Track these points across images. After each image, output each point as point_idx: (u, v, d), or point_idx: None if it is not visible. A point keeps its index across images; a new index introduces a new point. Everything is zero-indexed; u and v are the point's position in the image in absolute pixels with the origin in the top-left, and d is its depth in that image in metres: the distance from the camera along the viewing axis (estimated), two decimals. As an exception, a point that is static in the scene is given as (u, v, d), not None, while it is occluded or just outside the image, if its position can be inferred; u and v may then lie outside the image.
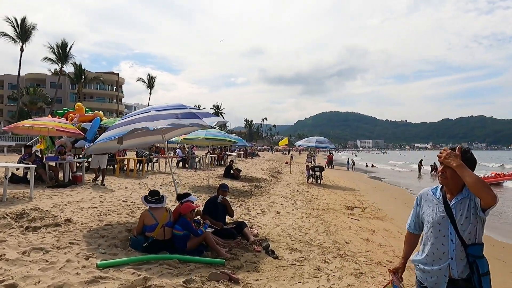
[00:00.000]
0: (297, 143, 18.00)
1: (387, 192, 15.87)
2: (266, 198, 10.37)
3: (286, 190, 13.04)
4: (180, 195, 5.24)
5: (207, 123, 5.41)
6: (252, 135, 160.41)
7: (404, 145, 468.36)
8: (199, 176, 14.82)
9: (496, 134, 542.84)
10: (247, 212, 8.02)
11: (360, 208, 10.36)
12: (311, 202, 10.63)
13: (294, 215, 8.17)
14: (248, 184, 13.31)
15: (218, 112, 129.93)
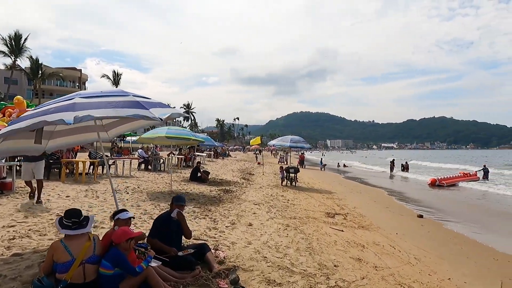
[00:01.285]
0: (270, 143, 16.82)
1: (365, 194, 15.02)
2: (236, 206, 9.05)
3: (259, 194, 11.78)
4: (114, 213, 3.82)
5: (155, 115, 4.01)
6: (223, 135, 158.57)
7: (371, 145, 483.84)
8: (162, 180, 13.23)
9: (456, 134, 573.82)
10: (214, 225, 6.67)
11: (341, 215, 9.28)
12: (288, 209, 9.43)
13: (270, 227, 6.91)
14: (217, 189, 11.92)
15: (188, 111, 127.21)
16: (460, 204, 13.82)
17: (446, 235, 7.99)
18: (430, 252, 6.25)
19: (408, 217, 10.05)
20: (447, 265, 5.56)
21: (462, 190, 18.71)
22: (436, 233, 8.05)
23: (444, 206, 12.96)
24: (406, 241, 6.93)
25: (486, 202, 14.45)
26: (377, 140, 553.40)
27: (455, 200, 15.10)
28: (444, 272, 5.22)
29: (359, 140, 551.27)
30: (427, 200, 14.28)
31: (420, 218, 9.83)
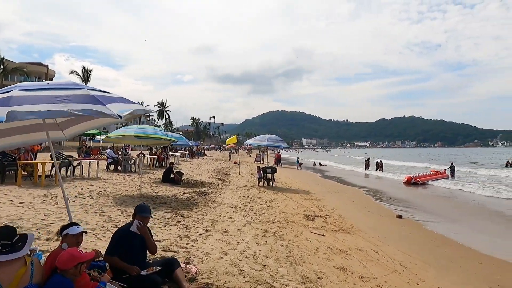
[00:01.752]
0: (247, 142, 16.33)
1: (343, 194, 14.85)
2: (211, 210, 8.49)
3: (236, 196, 11.26)
4: (62, 228, 3.21)
5: (113, 111, 3.40)
6: (199, 133, 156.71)
7: (345, 143, 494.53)
8: (131, 182, 12.42)
9: (425, 133, 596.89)
10: (186, 233, 6.09)
11: (321, 217, 8.94)
12: (266, 212, 8.97)
13: (247, 234, 6.42)
14: (191, 191, 11.29)
15: (163, 110, 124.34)
16: (435, 203, 13.91)
17: (428, 236, 7.81)
18: (415, 257, 5.99)
19: (388, 217, 9.87)
20: (433, 272, 5.29)
21: (433, 189, 19.00)
22: (418, 235, 7.86)
23: (421, 205, 12.97)
24: (389, 245, 6.65)
25: (459, 201, 14.65)
26: (351, 139, 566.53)
27: (430, 198, 15.24)
28: (432, 280, 4.93)
29: (334, 139, 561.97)
30: (404, 199, 14.29)
31: (399, 219, 9.66)
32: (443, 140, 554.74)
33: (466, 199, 14.94)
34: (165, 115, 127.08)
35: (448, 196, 15.96)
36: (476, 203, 13.85)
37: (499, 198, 14.95)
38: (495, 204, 13.55)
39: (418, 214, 10.73)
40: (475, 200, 14.61)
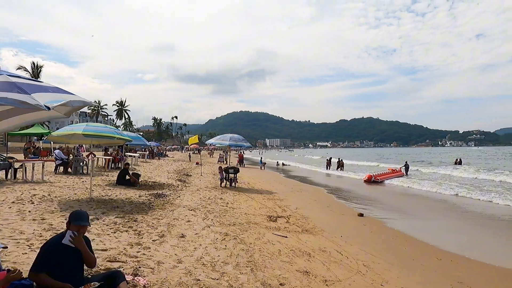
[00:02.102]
0: (209, 141, 15.81)
1: (305, 193, 14.82)
2: (169, 213, 7.95)
3: (196, 198, 10.76)
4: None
5: (39, 101, 2.88)
6: (161, 134, 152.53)
7: (308, 144, 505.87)
8: (82, 185, 11.47)
9: (382, 134, 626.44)
10: (137, 239, 5.55)
11: (284, 217, 8.72)
12: (227, 213, 8.58)
13: (206, 238, 6.00)
14: (147, 193, 10.62)
15: (122, 109, 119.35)
16: (393, 200, 14.29)
17: (389, 234, 7.84)
18: (378, 256, 5.90)
19: (350, 216, 9.88)
20: (397, 271, 5.20)
21: (390, 187, 19.64)
22: (379, 233, 7.86)
23: (380, 202, 13.25)
24: (352, 244, 6.54)
25: (414, 198, 15.20)
26: (313, 139, 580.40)
27: (388, 196, 15.66)
28: (395, 280, 4.82)
29: (296, 139, 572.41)
30: (364, 197, 14.55)
31: (361, 217, 9.70)
32: (398, 140, 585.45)
33: (421, 196, 15.54)
34: (124, 115, 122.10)
35: (404, 194, 16.53)
36: (431, 200, 14.41)
37: (453, 195, 15.67)
38: (449, 201, 14.18)
39: (378, 212, 10.88)
40: (430, 197, 15.22)
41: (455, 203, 13.33)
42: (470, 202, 13.52)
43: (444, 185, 19.37)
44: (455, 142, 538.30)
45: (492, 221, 10.04)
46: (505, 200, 13.29)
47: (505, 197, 14.02)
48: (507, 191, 16.56)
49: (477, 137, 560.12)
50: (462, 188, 17.47)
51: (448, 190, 16.89)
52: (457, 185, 19.09)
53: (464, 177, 24.68)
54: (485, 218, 10.44)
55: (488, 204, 13.11)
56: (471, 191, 16.41)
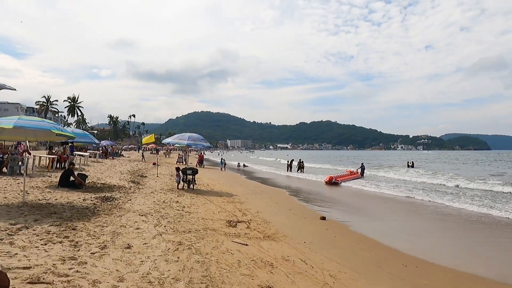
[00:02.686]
0: (165, 141, 14.83)
1: (266, 195, 14.40)
2: (115, 219, 7.09)
3: (149, 201, 9.89)
4: None
5: None
6: (117, 133, 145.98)
7: (268, 145, 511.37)
8: (17, 187, 10.12)
9: (339, 137, 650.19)
10: (72, 253, 4.72)
11: (244, 222, 8.17)
12: (182, 219, 7.86)
13: (156, 249, 5.29)
14: (94, 196, 9.57)
15: (74, 106, 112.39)
16: (353, 202, 14.33)
17: (352, 239, 7.59)
18: (343, 264, 5.55)
19: (312, 219, 9.56)
20: (364, 281, 4.86)
21: (347, 188, 19.85)
22: (343, 238, 7.58)
23: (341, 204, 13.18)
24: (316, 251, 6.15)
25: (372, 200, 15.37)
26: (273, 141, 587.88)
27: (347, 198, 15.72)
28: (364, 291, 4.46)
29: (257, 141, 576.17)
30: (325, 199, 14.45)
31: (323, 221, 9.42)
32: (354, 143, 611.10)
33: (379, 198, 15.77)
34: (77, 112, 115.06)
35: (363, 195, 16.72)
36: (389, 201, 14.65)
37: (409, 197, 16.08)
38: (406, 202, 14.48)
39: (340, 214, 10.72)
40: (388, 199, 15.49)
41: (413, 205, 13.61)
42: (426, 204, 13.89)
43: (401, 187, 19.97)
44: (405, 146, 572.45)
45: (450, 223, 10.25)
46: (460, 203, 13.68)
47: (460, 200, 14.57)
48: (461, 194, 17.36)
49: (425, 141, 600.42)
50: (418, 190, 18.08)
51: (404, 192, 17.35)
52: (414, 187, 19.75)
53: (419, 181, 25.75)
54: (443, 220, 10.65)
55: (443, 206, 13.53)
56: (427, 192, 17.00)
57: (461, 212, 11.98)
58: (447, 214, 11.56)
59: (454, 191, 18.23)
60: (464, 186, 20.62)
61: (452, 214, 11.55)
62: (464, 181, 22.51)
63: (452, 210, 12.50)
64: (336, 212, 11.18)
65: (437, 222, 10.37)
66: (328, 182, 21.18)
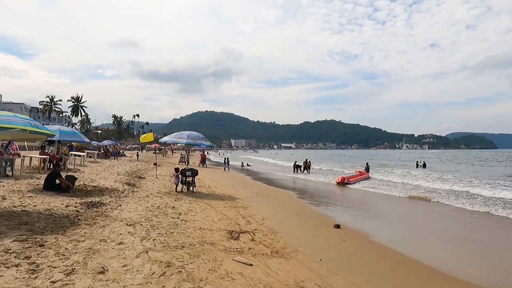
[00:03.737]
0: (163, 139, 13.75)
1: (272, 198, 13.28)
2: (97, 231, 6.02)
3: (142, 207, 8.82)
4: None
5: None
6: (121, 132, 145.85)
7: (272, 145, 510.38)
8: (-4, 191, 9.11)
9: (344, 136, 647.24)
10: (26, 281, 3.65)
11: (248, 232, 7.07)
12: (176, 229, 6.78)
13: (136, 274, 4.20)
14: (79, 202, 8.52)
15: (78, 105, 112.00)
16: (367, 206, 13.18)
17: (376, 254, 6.45)
18: (372, 291, 4.42)
19: (325, 228, 8.43)
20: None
21: (359, 190, 18.68)
22: (364, 253, 6.44)
23: (354, 208, 12.04)
24: (335, 273, 5.03)
25: (387, 203, 14.21)
26: (277, 140, 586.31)
27: (359, 201, 14.57)
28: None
29: (261, 140, 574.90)
30: (336, 202, 13.32)
31: (338, 229, 8.30)
32: (358, 142, 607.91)
33: (394, 201, 14.60)
34: (80, 112, 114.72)
35: (373, 197, 15.55)
36: (407, 205, 13.49)
37: (434, 202, 14.89)
38: (427, 205, 13.30)
39: (355, 220, 9.58)
40: (404, 202, 14.32)
41: (426, 208, 12.43)
42: (448, 207, 12.70)
43: (419, 189, 18.75)
44: (410, 145, 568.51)
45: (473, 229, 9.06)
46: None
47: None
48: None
49: (430, 140, 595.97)
50: (436, 193, 16.87)
51: (424, 194, 16.13)
52: (431, 190, 18.53)
53: (446, 188, 24.44)
54: (468, 225, 9.48)
55: (463, 210, 12.33)
56: (444, 196, 15.80)
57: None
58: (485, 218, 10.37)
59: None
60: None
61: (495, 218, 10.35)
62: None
63: (491, 216, 11.28)
64: (350, 218, 10.05)
65: (482, 230, 9.18)
66: (341, 183, 20.08)
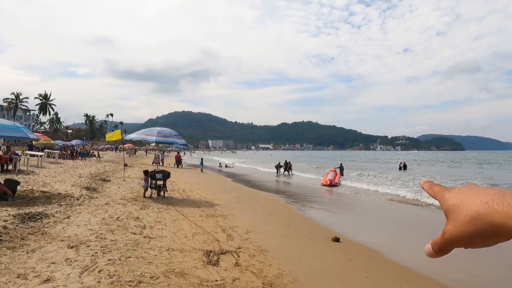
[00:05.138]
0: (128, 137, 11.89)
1: (256, 203, 11.75)
2: (21, 257, 4.30)
3: (97, 219, 7.07)
4: None
5: None
6: (94, 132, 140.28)
7: (250, 145, 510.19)
8: None
9: (320, 137, 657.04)
10: None
11: (231, 253, 5.51)
12: (136, 251, 5.13)
13: None
14: (13, 213, 6.66)
15: (46, 103, 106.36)
16: (362, 211, 11.93)
17: (393, 276, 5.07)
18: None
19: (322, 241, 6.99)
20: None
21: (343, 192, 17.53)
22: (382, 278, 5.03)
23: (349, 214, 10.75)
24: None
25: (383, 206, 13.05)
26: (255, 141, 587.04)
27: (351, 205, 13.33)
28: None
29: (239, 141, 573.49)
30: (327, 207, 11.99)
31: (337, 243, 6.90)
32: (335, 143, 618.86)
33: (397, 206, 13.46)
34: (49, 110, 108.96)
35: (366, 200, 14.36)
36: (408, 210, 12.35)
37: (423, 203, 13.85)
38: (422, 210, 12.19)
39: (356, 230, 8.21)
40: (400, 204, 13.20)
41: (422, 213, 11.33)
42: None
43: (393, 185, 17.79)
44: (384, 146, 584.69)
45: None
46: None
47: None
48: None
49: (403, 142, 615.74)
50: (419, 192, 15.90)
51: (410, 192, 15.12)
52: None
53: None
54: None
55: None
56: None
57: None
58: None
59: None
60: None
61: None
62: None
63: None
64: (348, 227, 8.69)
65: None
66: (329, 185, 18.88)
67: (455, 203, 0.50)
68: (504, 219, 0.43)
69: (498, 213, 0.44)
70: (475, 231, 0.46)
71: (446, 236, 0.49)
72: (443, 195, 0.53)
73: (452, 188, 0.54)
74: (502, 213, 0.43)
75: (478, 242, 0.47)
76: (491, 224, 0.44)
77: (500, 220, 0.43)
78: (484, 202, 0.46)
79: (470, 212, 0.47)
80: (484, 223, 0.45)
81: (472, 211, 0.46)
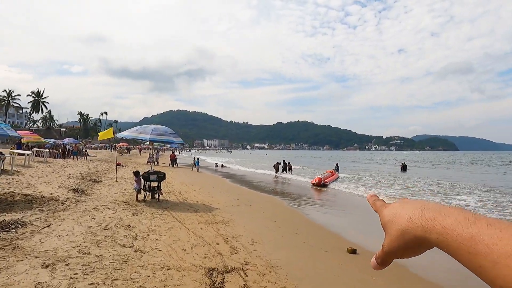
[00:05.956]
0: (120, 134, 10.98)
1: (257, 207, 10.91)
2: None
3: (82, 227, 6.21)
4: None
5: None
6: (88, 130, 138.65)
7: (245, 145, 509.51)
8: None
9: (316, 137, 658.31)
10: None
11: (237, 271, 4.69)
12: (124, 271, 4.28)
13: None
14: (-16, 222, 5.79)
15: (39, 101, 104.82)
16: (369, 215, 11.18)
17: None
18: None
19: (338, 254, 6.21)
20: None
21: (335, 192, 16.81)
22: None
23: (359, 221, 9.98)
24: None
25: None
26: (251, 141, 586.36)
27: (358, 208, 12.58)
28: None
29: (234, 140, 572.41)
30: (333, 211, 11.22)
31: (354, 255, 6.12)
32: (330, 143, 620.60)
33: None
34: (42, 108, 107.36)
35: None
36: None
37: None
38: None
39: (374, 240, 7.42)
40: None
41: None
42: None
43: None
44: (379, 146, 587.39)
45: None
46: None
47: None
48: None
49: (397, 142, 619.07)
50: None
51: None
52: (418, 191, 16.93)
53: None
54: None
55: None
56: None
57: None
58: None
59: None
60: None
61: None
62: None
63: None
64: (361, 235, 7.91)
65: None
66: (317, 184, 18.48)
67: (389, 219, 0.53)
68: (423, 232, 0.47)
69: (419, 227, 0.48)
70: (405, 244, 0.50)
71: (384, 250, 0.53)
72: (381, 211, 0.57)
73: (389, 204, 0.57)
74: (421, 227, 0.48)
75: (410, 253, 0.52)
76: (414, 237, 0.49)
77: (420, 233, 0.48)
78: (408, 217, 0.50)
79: (399, 227, 0.51)
80: (410, 237, 0.49)
81: (401, 226, 0.50)
